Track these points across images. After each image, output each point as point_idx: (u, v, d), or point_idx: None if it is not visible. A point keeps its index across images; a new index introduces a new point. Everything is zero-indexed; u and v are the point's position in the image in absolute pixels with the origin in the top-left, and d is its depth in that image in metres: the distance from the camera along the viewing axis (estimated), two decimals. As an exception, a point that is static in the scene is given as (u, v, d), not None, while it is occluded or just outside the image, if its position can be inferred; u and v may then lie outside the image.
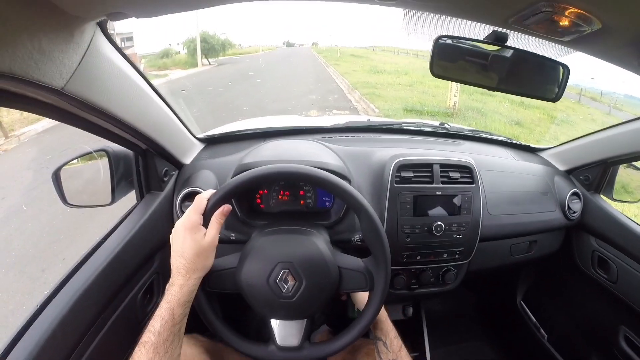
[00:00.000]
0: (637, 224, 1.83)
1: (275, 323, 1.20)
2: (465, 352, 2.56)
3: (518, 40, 1.01)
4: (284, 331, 1.20)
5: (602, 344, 1.98)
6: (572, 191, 1.96)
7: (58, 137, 8.00)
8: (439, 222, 1.61)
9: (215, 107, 11.42)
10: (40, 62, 0.79)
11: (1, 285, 3.82)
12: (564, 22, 0.79)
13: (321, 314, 1.97)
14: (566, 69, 1.14)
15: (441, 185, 1.65)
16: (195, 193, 1.55)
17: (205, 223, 1.13)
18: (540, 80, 1.20)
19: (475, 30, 1.10)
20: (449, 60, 1.21)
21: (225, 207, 1.15)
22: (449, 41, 1.15)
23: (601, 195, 2.04)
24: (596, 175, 2.00)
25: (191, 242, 1.08)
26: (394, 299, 1.80)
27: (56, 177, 1.37)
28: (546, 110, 13.58)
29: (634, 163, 1.93)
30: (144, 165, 1.54)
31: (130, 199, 1.58)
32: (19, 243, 4.49)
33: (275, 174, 1.18)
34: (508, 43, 1.04)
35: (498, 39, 1.03)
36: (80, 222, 4.60)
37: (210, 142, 1.88)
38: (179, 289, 1.05)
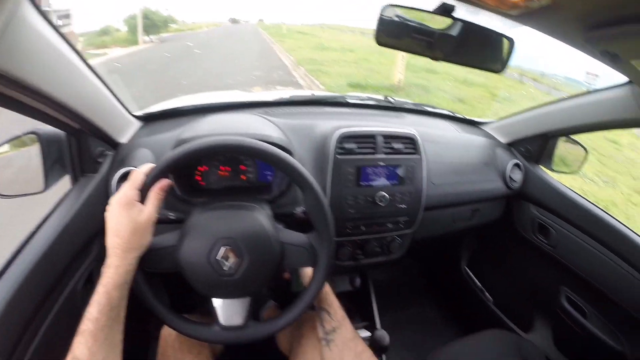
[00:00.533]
0: (574, 191, 1.93)
1: (218, 302, 1.18)
2: (413, 317, 2.63)
3: (466, 13, 1.01)
4: (227, 310, 1.18)
5: (545, 304, 2.08)
6: (512, 162, 2.03)
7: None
8: (383, 192, 1.62)
9: (157, 85, 11.13)
10: None
11: None
12: None
13: (266, 289, 1.94)
14: (512, 42, 1.16)
15: (384, 155, 1.65)
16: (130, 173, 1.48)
17: (143, 199, 1.07)
18: (486, 53, 1.21)
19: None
20: (395, 35, 1.19)
21: (164, 182, 1.09)
22: (396, 12, 1.14)
23: (540, 166, 2.11)
24: (536, 147, 2.07)
25: (127, 220, 1.01)
26: (340, 270, 1.83)
27: None
28: (488, 89, 13.95)
29: (572, 136, 1.99)
30: (77, 146, 1.44)
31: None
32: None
33: (216, 146, 1.11)
34: (457, 15, 1.04)
35: (446, 11, 1.03)
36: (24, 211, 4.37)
37: (149, 119, 1.80)
38: (114, 271, 0.99)
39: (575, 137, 1.98)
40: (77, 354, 0.90)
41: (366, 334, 2.02)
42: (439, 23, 1.14)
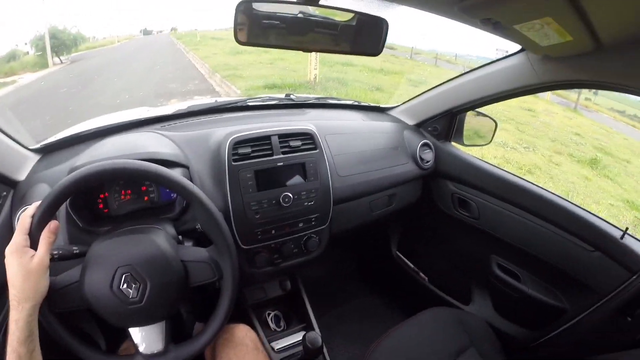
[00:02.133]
0: (487, 162, 1.98)
1: (134, 331, 1.15)
2: (352, 311, 2.63)
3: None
4: (146, 338, 1.16)
5: (479, 275, 2.14)
6: (422, 142, 2.07)
7: None
8: (287, 193, 1.61)
9: (70, 110, 10.67)
10: None
11: None
12: None
13: (188, 312, 1.88)
14: (385, 23, 1.14)
15: (282, 155, 1.64)
16: None
17: (33, 243, 1.01)
18: (362, 38, 1.18)
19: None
20: (254, 28, 1.12)
21: (52, 224, 1.03)
22: (254, 7, 1.07)
23: (452, 143, 2.17)
24: (444, 125, 2.12)
25: (18, 268, 0.96)
26: (263, 277, 1.85)
27: None
28: (404, 74, 14.20)
29: (478, 110, 2.05)
30: None
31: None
32: None
33: (88, 175, 1.07)
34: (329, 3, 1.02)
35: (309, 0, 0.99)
36: None
37: (47, 151, 1.70)
38: (15, 326, 0.94)
39: (483, 109, 2.04)
40: None
41: None
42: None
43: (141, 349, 1.15)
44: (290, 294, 2.16)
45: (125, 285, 1.04)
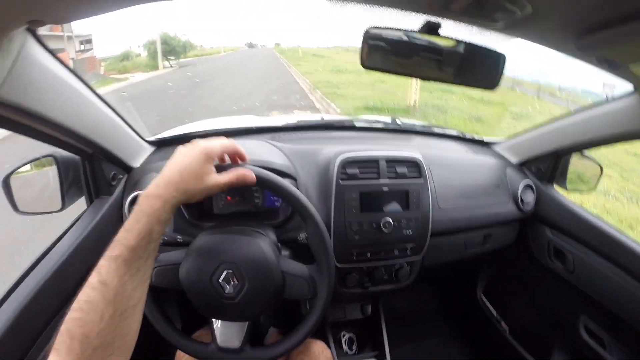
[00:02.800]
0: (591, 213, 1.84)
1: (217, 323, 1.21)
2: (426, 349, 2.56)
3: (455, 30, 1.00)
4: (226, 332, 1.20)
5: (563, 334, 1.99)
6: (524, 183, 1.96)
7: (17, 146, 7.86)
8: (388, 218, 1.59)
9: (177, 110, 11.32)
10: None
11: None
12: (492, 7, 0.79)
13: (267, 317, 1.92)
14: (502, 58, 1.12)
15: (388, 180, 1.63)
16: None
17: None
18: (477, 70, 1.17)
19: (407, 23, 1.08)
20: (380, 53, 1.14)
21: (249, 177, 1.04)
22: (380, 33, 1.10)
23: (555, 186, 2.04)
24: (548, 166, 2.01)
25: (197, 168, 0.95)
26: (348, 297, 1.82)
27: (6, 185, 1.34)
28: (506, 106, 13.77)
29: (585, 152, 1.93)
30: (91, 169, 1.51)
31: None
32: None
33: None
34: (446, 33, 1.02)
35: (431, 29, 1.00)
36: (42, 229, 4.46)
37: (161, 144, 1.84)
38: (161, 205, 0.90)
39: (589, 152, 1.92)
40: (106, 279, 0.82)
41: None
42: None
43: (218, 340, 1.19)
44: (369, 319, 2.14)
45: (224, 280, 1.08)
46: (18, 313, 1.11)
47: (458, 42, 1.08)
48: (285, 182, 1.14)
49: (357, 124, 2.16)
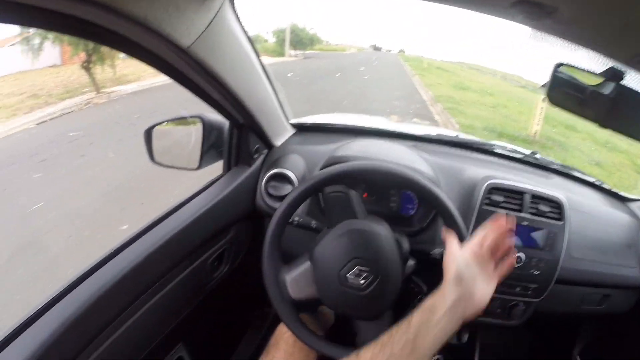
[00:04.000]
0: None
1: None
2: None
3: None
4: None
5: None
6: None
7: (146, 100, 8.39)
8: (520, 253, 1.56)
9: (298, 97, 11.60)
10: (174, 16, 0.82)
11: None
12: None
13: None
14: None
15: (529, 215, 1.60)
16: (282, 175, 1.57)
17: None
18: (619, 113, 1.08)
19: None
20: (565, 92, 1.14)
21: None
22: (567, 71, 1.11)
23: None
24: None
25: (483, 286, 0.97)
26: None
27: (148, 135, 1.44)
28: (630, 156, 13.01)
29: None
30: (238, 138, 1.57)
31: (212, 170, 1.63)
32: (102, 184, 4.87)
33: (381, 170, 1.18)
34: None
35: (614, 76, 0.98)
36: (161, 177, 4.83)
37: (301, 129, 1.90)
38: (445, 323, 0.88)
39: None
40: None
41: None
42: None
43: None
44: (461, 347, 2.11)
45: (354, 275, 1.09)
46: (147, 255, 1.19)
47: (629, 89, 1.02)
48: (445, 196, 1.17)
49: (497, 150, 2.10)
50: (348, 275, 1.09)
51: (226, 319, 1.91)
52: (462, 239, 1.13)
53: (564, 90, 1.14)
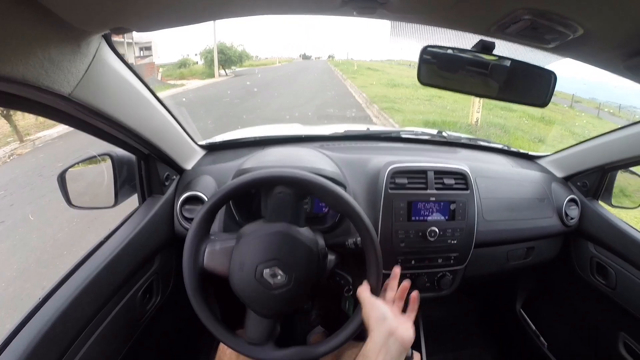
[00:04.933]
0: (635, 229, 1.82)
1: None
2: (462, 358, 2.57)
3: (507, 48, 1.02)
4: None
5: (601, 351, 1.97)
6: (569, 197, 1.96)
7: (72, 144, 8.13)
8: (433, 227, 1.62)
9: (230, 118, 11.56)
10: (50, 70, 0.85)
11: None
12: (546, 30, 0.80)
13: (316, 315, 1.97)
14: (553, 76, 1.14)
15: (435, 191, 1.67)
16: (195, 197, 1.61)
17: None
18: (529, 88, 1.20)
19: (462, 41, 1.11)
20: (437, 69, 1.20)
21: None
22: (437, 50, 1.16)
23: (599, 202, 2.03)
24: (594, 181, 2.01)
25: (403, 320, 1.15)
26: None
27: (62, 180, 1.44)
28: (567, 126, 13.40)
29: (632, 168, 1.93)
30: (146, 169, 1.58)
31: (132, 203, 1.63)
32: (21, 256, 4.49)
33: (271, 178, 1.19)
34: (499, 52, 1.05)
35: (485, 48, 1.04)
36: (85, 235, 4.67)
37: (212, 148, 1.95)
38: None
39: (635, 169, 1.92)
40: None
41: None
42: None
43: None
44: None
45: (270, 274, 1.12)
46: (71, 300, 1.17)
47: (507, 58, 1.12)
48: (340, 190, 1.19)
49: (404, 135, 2.20)
50: (265, 270, 1.12)
51: (167, 352, 1.90)
52: (370, 239, 1.19)
53: (435, 70, 1.20)
